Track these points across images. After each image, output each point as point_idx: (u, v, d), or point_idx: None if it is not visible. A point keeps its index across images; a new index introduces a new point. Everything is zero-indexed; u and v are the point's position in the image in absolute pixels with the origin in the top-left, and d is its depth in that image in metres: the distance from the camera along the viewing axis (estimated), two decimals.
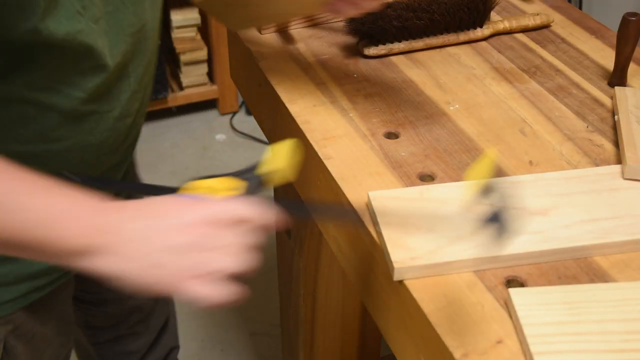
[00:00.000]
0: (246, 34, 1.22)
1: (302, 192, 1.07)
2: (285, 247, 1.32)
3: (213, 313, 1.95)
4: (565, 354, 0.66)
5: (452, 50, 1.17)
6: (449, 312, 0.73)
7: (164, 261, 0.61)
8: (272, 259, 1.94)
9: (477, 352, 0.69)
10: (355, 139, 0.97)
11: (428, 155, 0.94)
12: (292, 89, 1.08)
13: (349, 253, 0.92)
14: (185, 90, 2.67)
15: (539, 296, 0.72)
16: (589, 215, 0.82)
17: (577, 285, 0.74)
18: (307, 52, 1.17)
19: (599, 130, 0.98)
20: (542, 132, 0.98)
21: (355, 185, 0.89)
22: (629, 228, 0.80)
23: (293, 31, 1.22)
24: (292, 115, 1.02)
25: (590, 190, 0.86)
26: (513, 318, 0.71)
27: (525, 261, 0.78)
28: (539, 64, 1.13)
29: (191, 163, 2.47)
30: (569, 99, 1.05)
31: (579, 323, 0.69)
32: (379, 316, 0.86)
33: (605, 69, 1.11)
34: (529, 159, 0.93)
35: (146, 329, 1.32)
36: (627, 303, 0.71)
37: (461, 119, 1.01)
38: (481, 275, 0.77)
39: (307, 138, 0.98)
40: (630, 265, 0.78)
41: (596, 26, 1.23)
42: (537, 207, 0.83)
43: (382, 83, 1.09)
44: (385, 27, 1.12)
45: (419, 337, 0.75)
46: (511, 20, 1.20)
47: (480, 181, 0.66)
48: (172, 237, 0.62)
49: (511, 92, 1.06)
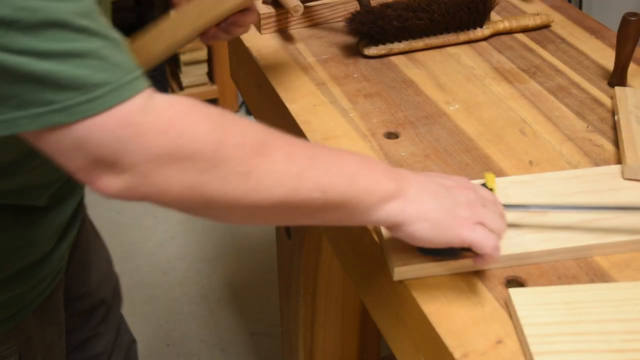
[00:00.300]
0: (246, 34, 1.22)
1: None
2: (285, 247, 1.32)
3: (213, 313, 1.95)
4: (565, 354, 0.66)
5: (452, 50, 1.17)
6: (449, 312, 0.73)
7: (453, 208, 0.69)
8: (272, 259, 1.94)
9: (477, 352, 0.69)
10: (355, 139, 0.97)
11: (428, 155, 0.94)
12: (292, 89, 1.08)
13: (349, 253, 0.92)
14: (185, 90, 2.67)
15: (539, 296, 0.72)
16: (589, 215, 0.82)
17: (577, 285, 0.74)
18: (307, 52, 1.17)
19: (599, 130, 0.98)
20: (542, 132, 0.98)
21: None
22: (628, 228, 0.80)
23: (293, 31, 1.23)
24: (292, 115, 1.02)
25: (590, 190, 0.86)
26: (513, 318, 0.71)
27: (525, 261, 0.78)
28: (539, 64, 1.13)
29: None
30: (569, 99, 1.05)
31: (579, 323, 0.69)
32: (379, 316, 0.86)
33: (605, 69, 1.11)
34: (529, 159, 0.93)
35: (107, 328, 1.32)
36: (627, 303, 0.71)
37: (461, 119, 1.01)
38: (481, 275, 0.77)
39: (307, 138, 0.98)
40: (630, 265, 0.78)
41: (596, 26, 1.23)
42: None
43: (382, 83, 1.09)
44: (385, 27, 1.12)
45: (419, 337, 0.75)
46: (511, 20, 1.20)
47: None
48: (456, 192, 0.71)
49: (511, 92, 1.06)
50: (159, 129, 0.60)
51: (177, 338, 1.89)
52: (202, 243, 2.18)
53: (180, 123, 0.61)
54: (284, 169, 0.63)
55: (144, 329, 1.91)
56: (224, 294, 2.01)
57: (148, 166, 0.60)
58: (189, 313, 1.95)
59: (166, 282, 2.04)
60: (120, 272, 2.08)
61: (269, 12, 1.21)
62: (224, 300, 1.99)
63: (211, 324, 1.93)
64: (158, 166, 0.60)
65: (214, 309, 1.97)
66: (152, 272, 2.06)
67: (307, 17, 1.23)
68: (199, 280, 2.05)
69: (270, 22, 1.21)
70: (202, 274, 2.06)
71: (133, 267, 2.10)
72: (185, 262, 2.11)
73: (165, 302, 1.99)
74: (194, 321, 1.93)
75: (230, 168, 0.61)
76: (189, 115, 0.62)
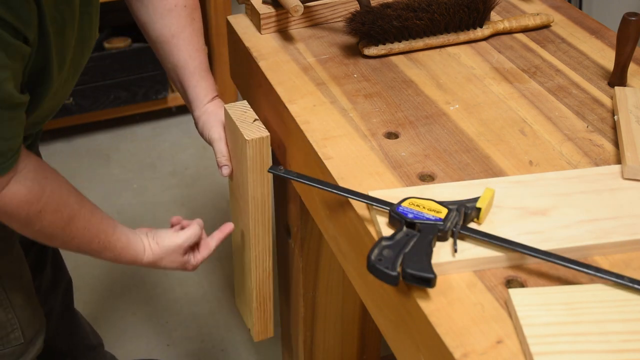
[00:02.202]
0: (246, 34, 1.22)
1: (302, 192, 1.07)
2: (285, 247, 1.32)
3: (213, 313, 1.95)
4: (565, 354, 0.66)
5: (452, 50, 1.17)
6: (449, 312, 0.73)
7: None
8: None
9: (477, 352, 0.69)
10: (355, 139, 0.97)
11: (428, 155, 0.94)
12: (292, 89, 1.08)
13: (349, 253, 0.92)
14: None
15: (539, 296, 0.72)
16: (588, 215, 0.82)
17: (577, 286, 0.74)
18: (307, 52, 1.17)
19: (599, 130, 0.98)
20: (542, 132, 0.98)
21: (355, 185, 0.89)
22: (628, 228, 0.80)
23: (293, 31, 1.23)
24: (292, 115, 1.02)
25: (590, 190, 0.86)
26: (513, 318, 0.71)
27: (525, 261, 0.78)
28: (539, 64, 1.13)
29: (191, 163, 2.47)
30: (569, 99, 1.05)
31: (579, 323, 0.69)
32: (379, 316, 0.86)
33: (605, 69, 1.11)
34: (529, 159, 0.93)
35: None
36: (627, 303, 0.71)
37: (461, 119, 1.01)
38: (481, 275, 0.77)
39: (307, 138, 0.98)
40: (630, 265, 0.78)
41: (596, 26, 1.23)
42: (537, 207, 0.83)
43: (382, 83, 1.09)
44: (385, 27, 1.12)
45: (419, 337, 0.75)
46: (511, 20, 1.20)
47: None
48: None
49: (511, 92, 1.06)
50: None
51: (177, 338, 1.89)
52: None
53: (5, 214, 0.95)
54: (82, 237, 1.04)
55: (144, 329, 1.91)
56: (224, 294, 2.01)
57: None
58: (189, 313, 1.95)
59: (166, 282, 2.04)
60: (120, 272, 2.09)
61: (269, 12, 1.21)
62: (224, 300, 1.99)
63: (211, 324, 1.93)
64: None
65: (214, 309, 1.97)
66: (152, 272, 2.06)
67: (307, 17, 1.23)
68: (199, 280, 2.05)
69: (270, 22, 1.21)
70: (202, 274, 2.06)
71: (133, 267, 2.10)
72: None
73: (165, 302, 1.99)
74: (194, 321, 1.93)
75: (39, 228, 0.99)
76: (16, 209, 0.95)
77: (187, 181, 2.39)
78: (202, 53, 1.18)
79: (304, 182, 0.89)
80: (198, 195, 2.34)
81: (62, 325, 1.53)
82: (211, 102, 1.17)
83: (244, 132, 1.05)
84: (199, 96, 1.17)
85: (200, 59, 1.17)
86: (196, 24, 1.18)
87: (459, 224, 0.79)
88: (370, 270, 0.75)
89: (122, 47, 2.44)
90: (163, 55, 1.18)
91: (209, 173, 2.43)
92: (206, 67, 1.18)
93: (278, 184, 1.27)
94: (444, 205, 0.81)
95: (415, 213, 0.79)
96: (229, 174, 1.16)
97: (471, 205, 0.81)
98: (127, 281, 2.05)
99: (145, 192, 2.35)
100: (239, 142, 1.07)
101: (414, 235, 0.77)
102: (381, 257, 0.74)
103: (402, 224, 0.79)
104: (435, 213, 0.79)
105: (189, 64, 1.16)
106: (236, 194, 1.19)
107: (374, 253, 0.75)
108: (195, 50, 1.17)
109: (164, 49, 1.17)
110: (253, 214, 1.12)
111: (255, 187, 1.10)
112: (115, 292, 2.02)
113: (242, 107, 1.10)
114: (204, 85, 1.17)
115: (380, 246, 0.76)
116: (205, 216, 2.36)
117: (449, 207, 0.80)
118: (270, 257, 1.19)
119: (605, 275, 0.73)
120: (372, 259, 0.74)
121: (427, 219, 0.79)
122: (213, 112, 1.16)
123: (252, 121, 1.06)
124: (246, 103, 1.11)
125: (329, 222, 0.96)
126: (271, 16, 1.21)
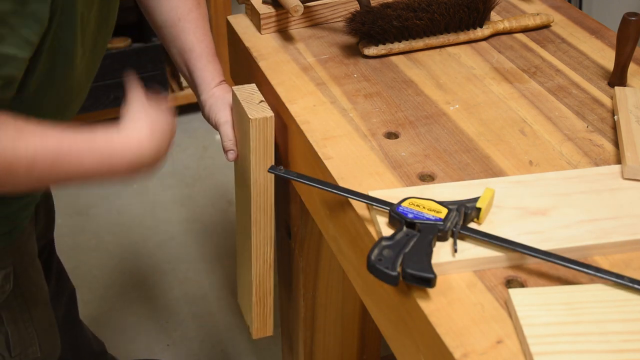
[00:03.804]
0: (246, 34, 1.23)
1: (302, 193, 1.07)
2: (285, 247, 1.32)
3: (213, 313, 1.95)
4: (565, 354, 0.66)
5: (452, 50, 1.17)
6: (449, 312, 0.73)
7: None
8: None
9: (477, 352, 0.69)
10: (355, 139, 0.97)
11: (428, 155, 0.94)
12: (292, 89, 1.08)
13: (349, 253, 0.92)
14: (185, 90, 2.67)
15: (539, 296, 0.72)
16: (588, 215, 0.82)
17: (577, 286, 0.74)
18: (307, 52, 1.17)
19: (599, 130, 0.98)
20: (542, 132, 0.98)
21: (355, 185, 0.89)
22: (628, 228, 0.80)
23: (293, 31, 1.23)
24: (292, 115, 1.02)
25: (590, 190, 0.86)
26: (513, 318, 0.71)
27: (525, 261, 0.78)
28: (539, 64, 1.13)
29: (191, 163, 2.47)
30: (569, 99, 1.05)
31: (579, 323, 0.69)
32: (379, 316, 0.86)
33: (605, 69, 1.11)
34: (529, 159, 0.93)
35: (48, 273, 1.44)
36: (627, 303, 0.71)
37: (461, 119, 1.01)
38: (481, 275, 0.77)
39: (307, 138, 0.98)
40: (630, 265, 0.78)
41: (596, 26, 1.23)
42: (537, 207, 0.83)
43: (382, 83, 1.09)
44: (385, 27, 1.12)
45: (419, 337, 0.75)
46: (511, 20, 1.20)
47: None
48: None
49: (511, 92, 1.06)
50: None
51: (177, 338, 1.89)
52: (202, 243, 2.18)
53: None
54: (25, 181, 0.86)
55: (144, 329, 1.91)
56: (224, 294, 2.01)
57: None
58: (189, 313, 1.95)
59: (166, 282, 2.04)
60: (120, 272, 2.09)
61: (269, 12, 1.21)
62: (224, 300, 1.99)
63: (211, 324, 1.93)
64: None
65: (213, 309, 1.97)
66: (152, 272, 2.06)
67: (307, 17, 1.23)
68: (199, 280, 2.05)
69: (270, 22, 1.21)
70: (202, 274, 2.06)
71: (133, 267, 2.10)
72: (185, 262, 2.11)
73: (165, 302, 1.99)
74: (194, 321, 1.93)
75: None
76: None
77: (187, 181, 2.39)
78: (209, 37, 1.15)
79: (304, 182, 0.89)
80: (198, 195, 2.34)
81: (65, 334, 1.51)
82: (218, 86, 1.14)
83: (248, 112, 1.03)
84: (205, 80, 1.14)
85: (207, 43, 1.15)
86: (202, 9, 1.15)
87: (459, 224, 0.79)
88: (370, 270, 0.75)
89: (122, 47, 2.44)
90: (169, 39, 1.15)
91: (209, 173, 2.43)
92: (213, 52, 1.15)
93: (278, 184, 1.27)
94: (444, 205, 0.81)
95: (415, 213, 0.79)
96: (234, 159, 1.12)
97: (471, 205, 0.81)
98: (127, 281, 2.05)
99: (145, 192, 2.35)
100: (244, 123, 1.05)
101: (414, 235, 0.77)
102: (381, 257, 0.74)
103: (402, 224, 0.79)
104: (435, 213, 0.79)
105: (195, 47, 1.13)
106: (240, 180, 1.17)
107: (374, 253, 0.75)
108: (202, 33, 1.14)
109: (170, 33, 1.14)
110: (255, 199, 1.10)
111: (258, 171, 1.07)
112: (115, 292, 2.02)
113: (250, 89, 1.08)
114: (211, 69, 1.14)
115: (380, 246, 0.76)
116: (205, 216, 2.37)
117: (449, 207, 0.80)
118: (272, 248, 1.16)
119: (605, 275, 0.73)
120: (372, 259, 0.74)
121: (427, 219, 0.79)
122: (220, 96, 1.13)
123: (258, 102, 1.05)
124: (254, 86, 1.09)
125: (329, 222, 0.96)
126: (271, 16, 1.21)
